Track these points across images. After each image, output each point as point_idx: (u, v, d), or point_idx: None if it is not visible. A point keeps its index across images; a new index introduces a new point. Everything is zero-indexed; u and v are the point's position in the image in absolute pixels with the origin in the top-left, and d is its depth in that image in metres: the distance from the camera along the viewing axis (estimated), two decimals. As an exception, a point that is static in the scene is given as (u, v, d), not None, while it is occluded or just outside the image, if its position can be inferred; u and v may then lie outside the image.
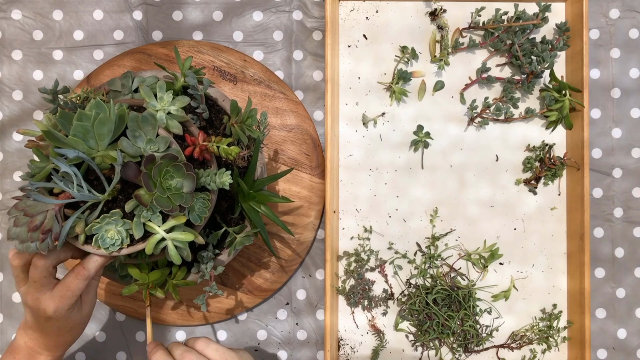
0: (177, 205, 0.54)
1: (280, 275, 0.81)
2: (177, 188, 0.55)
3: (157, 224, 0.56)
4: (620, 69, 0.85)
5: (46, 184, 0.55)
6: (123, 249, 0.57)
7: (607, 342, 0.84)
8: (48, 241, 0.53)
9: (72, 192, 0.54)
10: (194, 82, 0.63)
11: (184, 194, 0.55)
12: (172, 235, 0.56)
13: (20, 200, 0.54)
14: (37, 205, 0.53)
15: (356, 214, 0.83)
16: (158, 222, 0.56)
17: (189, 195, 0.55)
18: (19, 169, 0.84)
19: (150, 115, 0.56)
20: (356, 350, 0.82)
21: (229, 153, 0.60)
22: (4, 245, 0.83)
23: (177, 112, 0.61)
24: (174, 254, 0.57)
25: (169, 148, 0.57)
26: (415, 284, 0.82)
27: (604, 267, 0.84)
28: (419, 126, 0.82)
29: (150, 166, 0.53)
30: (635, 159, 0.84)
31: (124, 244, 0.57)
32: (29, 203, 0.53)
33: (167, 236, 0.56)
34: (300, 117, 0.82)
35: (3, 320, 0.83)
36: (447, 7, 0.83)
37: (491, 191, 0.83)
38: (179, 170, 0.54)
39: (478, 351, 0.82)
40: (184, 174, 0.55)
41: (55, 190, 0.56)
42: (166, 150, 0.56)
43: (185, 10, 0.84)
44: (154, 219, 0.56)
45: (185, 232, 0.57)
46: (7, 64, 0.84)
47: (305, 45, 0.84)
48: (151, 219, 0.56)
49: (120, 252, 0.57)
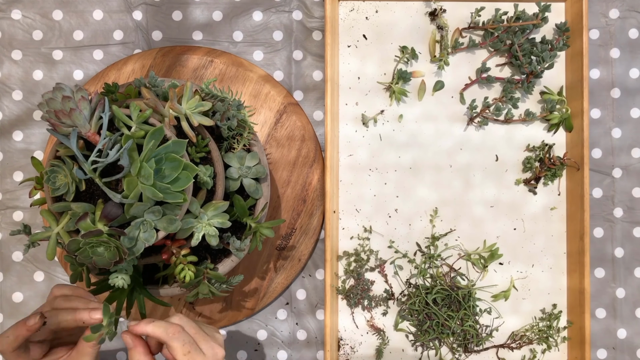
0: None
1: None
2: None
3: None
4: (620, 69, 0.85)
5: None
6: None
7: (607, 342, 0.84)
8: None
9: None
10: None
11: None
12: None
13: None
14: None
15: (356, 214, 0.83)
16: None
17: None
18: (19, 169, 0.84)
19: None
20: (356, 350, 0.82)
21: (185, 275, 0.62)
22: (4, 245, 0.83)
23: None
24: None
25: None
26: (415, 284, 0.82)
27: (604, 267, 0.84)
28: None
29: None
30: (635, 159, 0.84)
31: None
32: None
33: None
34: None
35: (3, 320, 0.83)
36: (447, 7, 0.83)
37: (491, 191, 0.83)
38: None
39: (478, 351, 0.82)
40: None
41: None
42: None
43: (185, 10, 0.84)
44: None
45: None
46: (7, 64, 0.84)
47: (305, 45, 0.84)
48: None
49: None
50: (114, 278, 0.59)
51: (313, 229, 0.81)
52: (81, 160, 0.55)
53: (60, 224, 0.57)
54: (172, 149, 0.55)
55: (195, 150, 0.63)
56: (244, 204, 0.66)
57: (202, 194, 0.62)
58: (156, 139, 0.55)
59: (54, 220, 0.58)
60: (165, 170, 0.55)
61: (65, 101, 0.54)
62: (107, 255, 0.54)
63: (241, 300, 0.81)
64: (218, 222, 0.61)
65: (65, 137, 0.55)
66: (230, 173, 0.66)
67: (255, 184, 0.67)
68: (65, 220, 0.57)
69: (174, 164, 0.55)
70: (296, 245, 0.81)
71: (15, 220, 0.83)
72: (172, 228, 0.56)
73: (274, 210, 0.82)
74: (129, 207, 0.55)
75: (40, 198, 0.65)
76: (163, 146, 0.55)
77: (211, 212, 0.61)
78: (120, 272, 0.59)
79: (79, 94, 0.55)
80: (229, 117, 0.66)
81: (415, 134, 0.83)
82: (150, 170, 0.53)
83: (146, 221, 0.56)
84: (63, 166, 0.56)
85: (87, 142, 0.58)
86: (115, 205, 0.55)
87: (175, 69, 0.81)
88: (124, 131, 0.57)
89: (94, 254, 0.54)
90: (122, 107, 0.59)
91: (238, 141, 0.68)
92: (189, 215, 0.60)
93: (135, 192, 0.54)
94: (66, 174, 0.56)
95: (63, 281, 0.83)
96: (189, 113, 0.61)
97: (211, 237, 0.61)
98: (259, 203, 0.68)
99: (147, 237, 0.56)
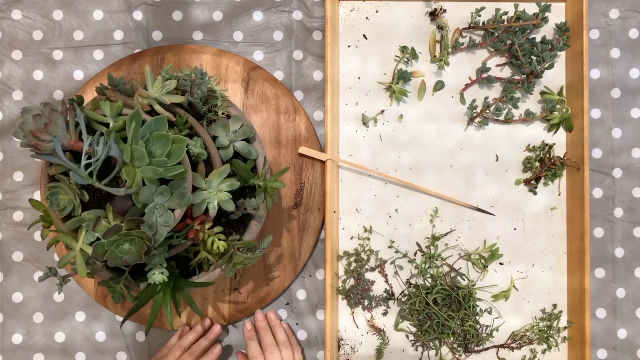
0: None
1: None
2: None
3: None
4: (620, 69, 0.85)
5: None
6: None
7: (608, 342, 0.84)
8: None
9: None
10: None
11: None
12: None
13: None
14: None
15: (356, 214, 0.83)
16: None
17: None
18: (19, 169, 0.84)
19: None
20: (356, 350, 0.82)
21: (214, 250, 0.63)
22: (4, 245, 0.83)
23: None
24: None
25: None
26: (415, 284, 0.82)
27: (604, 267, 0.84)
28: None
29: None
30: (635, 159, 0.84)
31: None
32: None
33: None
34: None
35: (3, 320, 0.83)
36: (447, 7, 0.83)
37: (491, 191, 0.83)
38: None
39: (478, 351, 0.82)
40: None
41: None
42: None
43: (185, 10, 0.84)
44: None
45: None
46: (8, 64, 0.84)
47: (306, 45, 0.84)
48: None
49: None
50: (152, 275, 0.58)
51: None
52: (74, 168, 0.54)
53: (79, 240, 0.57)
54: (154, 127, 0.55)
55: (178, 130, 0.63)
56: (245, 165, 0.67)
57: (201, 167, 0.63)
58: (137, 120, 0.55)
59: (72, 239, 0.58)
60: (156, 150, 0.55)
61: (37, 119, 0.54)
62: (134, 249, 0.54)
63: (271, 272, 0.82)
64: (227, 186, 0.62)
65: (50, 156, 0.55)
66: (220, 142, 0.67)
67: (247, 145, 0.68)
68: (83, 233, 0.57)
69: (162, 141, 0.55)
70: (310, 197, 0.82)
71: (16, 220, 0.83)
72: (185, 202, 0.56)
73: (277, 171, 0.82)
74: (136, 195, 0.55)
75: (54, 237, 0.64)
76: (145, 126, 0.55)
77: (217, 180, 0.61)
78: (154, 267, 0.59)
79: (47, 109, 0.55)
80: (197, 87, 0.66)
81: (416, 134, 0.83)
82: (142, 149, 0.53)
83: (158, 204, 0.56)
84: (61, 185, 0.56)
85: (74, 153, 0.58)
86: (123, 199, 0.55)
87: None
88: (102, 129, 0.57)
89: (122, 253, 0.54)
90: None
91: (216, 112, 0.69)
92: (198, 190, 0.61)
93: (137, 179, 0.54)
94: (66, 190, 0.56)
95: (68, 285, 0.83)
96: (158, 95, 0.62)
97: (226, 202, 0.61)
98: (259, 162, 0.69)
99: (166, 219, 0.56)
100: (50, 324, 0.83)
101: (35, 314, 0.83)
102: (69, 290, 0.83)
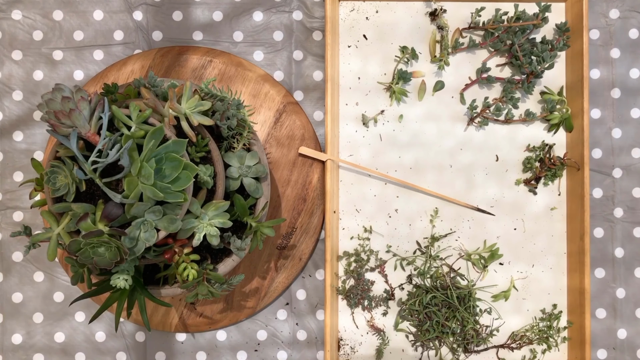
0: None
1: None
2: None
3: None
4: (620, 69, 0.85)
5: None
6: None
7: (608, 342, 0.84)
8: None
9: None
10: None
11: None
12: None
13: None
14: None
15: (356, 214, 0.83)
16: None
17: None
18: (19, 170, 0.84)
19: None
20: (356, 350, 0.82)
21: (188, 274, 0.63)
22: (5, 246, 0.84)
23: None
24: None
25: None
26: (415, 284, 0.82)
27: (604, 267, 0.84)
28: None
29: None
30: (635, 159, 0.84)
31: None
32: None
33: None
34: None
35: (3, 320, 0.83)
36: (447, 7, 0.83)
37: (491, 191, 0.83)
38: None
39: (478, 351, 0.82)
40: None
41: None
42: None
43: (185, 10, 0.84)
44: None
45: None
46: (8, 64, 0.84)
47: (306, 45, 0.84)
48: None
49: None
50: (115, 279, 0.59)
51: (313, 228, 0.81)
52: (81, 161, 0.55)
53: (60, 225, 0.57)
54: (172, 149, 0.55)
55: (195, 150, 0.63)
56: (244, 203, 0.66)
57: (202, 193, 0.62)
58: (156, 138, 0.55)
59: (54, 221, 0.58)
60: (166, 170, 0.55)
61: (65, 102, 0.54)
62: (108, 255, 0.54)
63: (242, 300, 0.81)
64: (219, 222, 0.61)
65: (65, 138, 0.55)
66: (231, 172, 0.66)
67: (255, 183, 0.67)
68: (66, 221, 0.57)
69: (174, 164, 0.55)
70: (297, 244, 0.81)
71: (16, 220, 0.83)
72: (173, 228, 0.56)
73: (275, 209, 0.82)
74: (129, 207, 0.55)
75: (41, 199, 0.65)
76: (163, 146, 0.55)
77: (212, 212, 0.61)
78: (121, 272, 0.59)
79: (78, 95, 0.55)
80: (229, 116, 0.66)
81: (416, 134, 0.83)
82: (150, 170, 0.53)
83: (147, 221, 0.56)
84: (63, 167, 0.56)
85: (87, 142, 0.58)
86: (116, 205, 0.55)
87: (175, 69, 0.81)
88: (123, 131, 0.57)
89: (95, 255, 0.54)
90: (121, 108, 0.59)
91: (238, 140, 0.68)
92: (190, 215, 0.60)
93: (136, 192, 0.54)
94: (66, 174, 0.56)
95: (63, 282, 0.83)
96: (188, 113, 0.62)
97: (212, 237, 0.61)
98: (260, 202, 0.68)
99: (148, 237, 0.56)
100: (50, 324, 0.83)
101: (35, 314, 0.83)
102: (69, 291, 0.83)
